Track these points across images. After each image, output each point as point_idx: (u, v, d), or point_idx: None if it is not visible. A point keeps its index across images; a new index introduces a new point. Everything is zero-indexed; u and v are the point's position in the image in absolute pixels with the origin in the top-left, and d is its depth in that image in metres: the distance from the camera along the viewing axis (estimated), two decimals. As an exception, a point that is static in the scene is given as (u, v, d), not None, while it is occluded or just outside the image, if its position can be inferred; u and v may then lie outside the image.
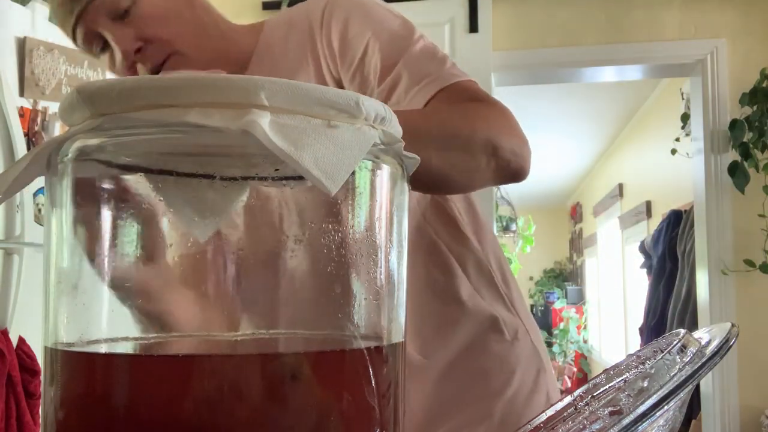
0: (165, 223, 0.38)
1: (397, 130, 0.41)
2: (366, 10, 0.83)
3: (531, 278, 8.95)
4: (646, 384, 0.36)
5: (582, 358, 7.47)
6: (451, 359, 0.85)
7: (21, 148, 1.56)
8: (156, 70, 0.85)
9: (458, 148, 0.70)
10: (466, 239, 0.89)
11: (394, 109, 0.54)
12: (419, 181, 0.61)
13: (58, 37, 1.84)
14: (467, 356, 0.85)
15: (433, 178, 0.68)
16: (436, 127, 0.69)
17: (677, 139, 3.32)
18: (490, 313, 0.86)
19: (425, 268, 0.86)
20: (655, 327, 3.60)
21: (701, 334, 0.45)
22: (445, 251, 0.87)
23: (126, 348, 0.38)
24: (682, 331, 0.45)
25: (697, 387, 2.72)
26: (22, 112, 1.66)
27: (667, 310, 3.49)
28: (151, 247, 0.38)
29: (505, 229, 5.17)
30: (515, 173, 0.77)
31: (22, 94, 1.70)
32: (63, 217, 0.37)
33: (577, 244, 8.53)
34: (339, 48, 0.82)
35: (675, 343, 0.40)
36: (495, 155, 0.73)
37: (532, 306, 8.57)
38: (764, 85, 2.71)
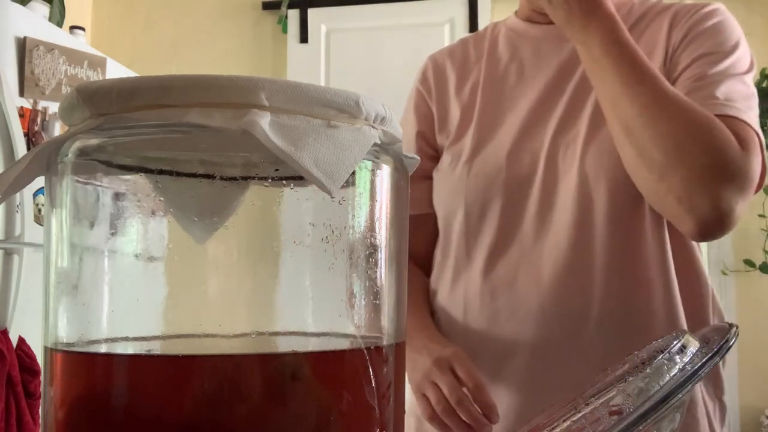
0: (165, 223, 0.38)
1: (396, 130, 0.41)
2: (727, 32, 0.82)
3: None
4: (646, 384, 0.36)
5: (582, 358, 7.46)
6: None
7: (21, 148, 1.56)
8: None
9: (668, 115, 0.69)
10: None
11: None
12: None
13: (58, 37, 1.84)
14: None
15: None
16: (654, 82, 0.69)
17: (677, 139, 3.31)
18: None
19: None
20: (655, 327, 3.60)
21: (701, 334, 0.45)
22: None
23: (126, 348, 0.38)
24: (683, 331, 0.45)
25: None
26: (22, 112, 1.66)
27: (667, 310, 3.48)
28: (150, 246, 0.38)
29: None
30: (709, 219, 0.70)
31: (22, 94, 1.70)
32: (63, 217, 0.37)
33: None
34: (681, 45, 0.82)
35: (675, 343, 0.40)
36: (691, 174, 0.68)
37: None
38: (764, 85, 2.70)
